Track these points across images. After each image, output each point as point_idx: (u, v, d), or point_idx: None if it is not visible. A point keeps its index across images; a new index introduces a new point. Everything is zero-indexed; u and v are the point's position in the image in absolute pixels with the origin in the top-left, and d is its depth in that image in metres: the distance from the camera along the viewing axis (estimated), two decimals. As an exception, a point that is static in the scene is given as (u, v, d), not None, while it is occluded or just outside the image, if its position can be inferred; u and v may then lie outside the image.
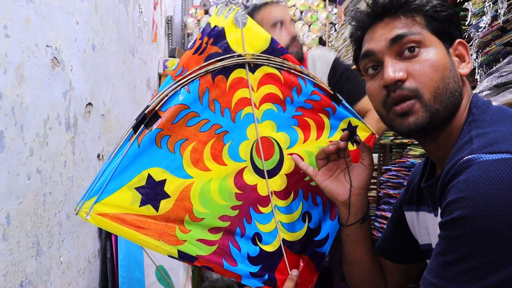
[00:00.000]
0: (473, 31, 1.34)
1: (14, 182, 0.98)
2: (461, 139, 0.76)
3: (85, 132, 1.47)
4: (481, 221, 0.64)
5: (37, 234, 1.10)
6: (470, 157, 0.69)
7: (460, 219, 0.66)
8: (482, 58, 1.31)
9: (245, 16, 0.94)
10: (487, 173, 0.66)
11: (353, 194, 0.97)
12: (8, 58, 0.94)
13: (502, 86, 1.16)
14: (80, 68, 1.40)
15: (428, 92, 0.77)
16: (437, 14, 0.80)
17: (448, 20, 0.80)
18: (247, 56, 0.93)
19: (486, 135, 0.72)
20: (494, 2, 1.26)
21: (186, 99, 0.86)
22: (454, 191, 0.69)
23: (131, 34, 2.31)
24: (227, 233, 0.91)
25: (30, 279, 1.06)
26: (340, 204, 0.98)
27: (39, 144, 1.10)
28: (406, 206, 0.98)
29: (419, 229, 0.95)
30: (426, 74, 0.77)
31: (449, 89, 0.77)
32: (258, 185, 0.96)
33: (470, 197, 0.66)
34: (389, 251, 1.04)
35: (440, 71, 0.77)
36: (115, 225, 0.80)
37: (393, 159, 2.07)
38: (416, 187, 0.94)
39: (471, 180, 0.67)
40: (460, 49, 0.82)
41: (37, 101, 1.09)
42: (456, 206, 0.67)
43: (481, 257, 0.64)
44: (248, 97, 0.95)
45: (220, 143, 0.91)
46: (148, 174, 0.83)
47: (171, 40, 4.44)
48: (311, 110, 1.04)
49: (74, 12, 1.33)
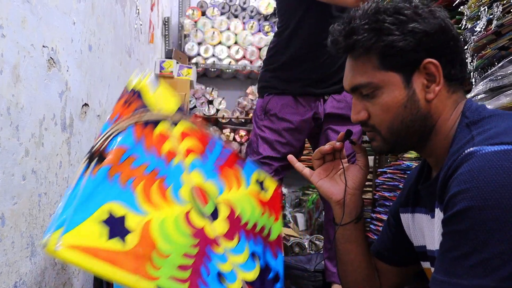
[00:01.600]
0: (468, 35, 1.35)
1: (9, 182, 0.98)
2: (459, 140, 0.76)
3: (81, 132, 1.47)
4: (488, 211, 0.63)
5: (32, 235, 1.10)
6: (472, 149, 0.68)
7: (465, 211, 0.65)
8: (477, 62, 1.31)
9: (156, 81, 1.04)
10: (490, 163, 0.65)
11: (348, 194, 0.98)
12: (4, 58, 0.94)
13: (497, 90, 1.17)
14: (77, 69, 1.40)
15: (384, 129, 0.83)
16: (392, 48, 0.79)
17: (405, 50, 0.78)
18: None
19: (488, 131, 0.72)
20: (489, 7, 1.26)
21: (125, 142, 0.89)
22: (457, 183, 0.68)
23: (127, 35, 2.31)
24: (195, 271, 0.90)
25: (24, 280, 1.06)
26: (334, 203, 1.00)
27: (34, 144, 1.10)
28: (402, 208, 0.99)
29: (414, 231, 0.95)
30: (379, 115, 0.83)
31: (405, 124, 0.81)
32: (205, 227, 0.97)
33: (475, 187, 0.65)
34: (385, 253, 1.04)
35: (391, 111, 0.81)
36: (88, 259, 0.74)
37: (389, 161, 2.08)
38: (413, 189, 0.95)
39: (475, 171, 0.66)
40: (429, 68, 0.79)
41: (33, 101, 1.08)
42: (460, 197, 0.66)
43: (491, 248, 0.62)
44: (175, 148, 0.99)
45: (162, 186, 0.93)
46: (109, 208, 0.82)
47: (168, 41, 4.44)
48: (226, 162, 1.10)
49: (71, 13, 1.33)
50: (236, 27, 4.91)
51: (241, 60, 4.89)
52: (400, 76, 0.80)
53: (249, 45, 4.93)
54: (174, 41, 4.83)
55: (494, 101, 1.14)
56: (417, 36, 0.78)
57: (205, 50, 4.79)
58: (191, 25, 4.82)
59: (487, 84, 1.19)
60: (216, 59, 4.82)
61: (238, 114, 4.88)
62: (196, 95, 4.82)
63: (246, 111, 4.97)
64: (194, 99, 4.80)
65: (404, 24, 0.78)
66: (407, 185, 1.00)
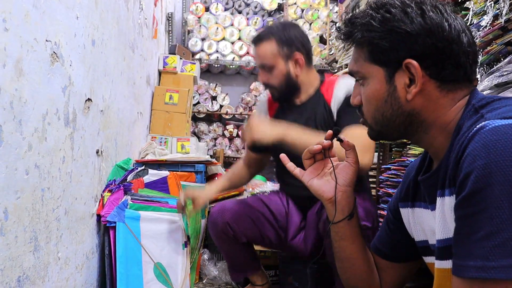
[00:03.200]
0: (474, 30, 1.34)
1: (12, 177, 0.98)
2: (467, 124, 0.73)
3: (84, 127, 1.47)
4: (507, 185, 0.60)
5: (35, 229, 1.10)
6: (483, 123, 0.66)
7: (483, 188, 0.62)
8: (483, 58, 1.30)
9: None
10: (504, 136, 0.62)
11: (339, 191, 0.98)
12: (7, 52, 0.94)
13: (502, 86, 1.16)
14: (80, 64, 1.40)
15: (369, 118, 0.88)
16: (375, 45, 0.82)
17: (389, 47, 0.80)
18: None
19: (498, 109, 0.70)
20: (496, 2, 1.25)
21: None
22: (470, 160, 0.65)
23: (131, 30, 2.30)
24: None
25: (28, 274, 1.06)
26: (326, 201, 0.99)
27: (37, 139, 1.10)
28: (402, 203, 0.98)
29: (415, 225, 0.94)
30: (365, 104, 0.88)
31: (386, 117, 0.84)
32: None
33: (492, 162, 0.62)
34: (384, 249, 1.04)
35: (372, 104, 0.85)
36: None
37: (393, 158, 2.07)
38: (412, 183, 0.94)
39: (489, 145, 0.63)
40: (410, 69, 0.80)
41: (36, 95, 1.08)
42: (477, 174, 0.63)
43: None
44: None
45: None
46: None
47: (172, 37, 4.43)
48: None
49: (74, 7, 1.33)
50: (240, 22, 4.90)
51: (245, 56, 4.88)
52: (384, 71, 0.82)
53: (252, 41, 4.91)
54: (178, 37, 4.82)
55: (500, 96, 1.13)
56: (397, 36, 0.79)
57: (209, 45, 4.78)
58: (195, 20, 4.81)
59: (493, 80, 1.18)
60: (219, 55, 4.82)
61: (242, 110, 4.87)
62: (200, 91, 4.82)
63: (250, 107, 4.96)
64: (197, 94, 4.80)
65: (387, 23, 0.80)
66: (406, 179, 0.98)
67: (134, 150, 2.52)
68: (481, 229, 0.62)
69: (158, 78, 3.57)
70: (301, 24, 4.99)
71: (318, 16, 5.01)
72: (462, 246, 0.66)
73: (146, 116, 3.06)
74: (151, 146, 2.74)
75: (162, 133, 3.19)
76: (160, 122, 3.25)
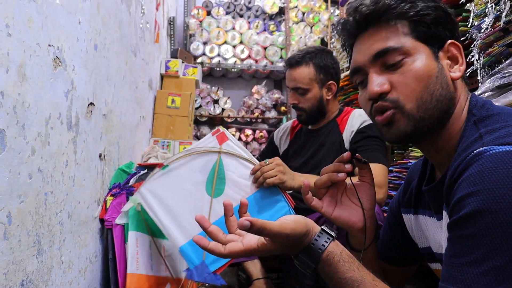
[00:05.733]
0: (475, 32, 1.34)
1: (15, 181, 0.99)
2: (466, 139, 0.73)
3: (87, 132, 1.47)
4: (500, 214, 0.59)
5: (38, 233, 1.10)
6: (482, 149, 0.65)
7: (476, 214, 0.61)
8: (484, 59, 1.30)
9: None
10: (502, 163, 0.61)
11: (367, 217, 0.91)
12: (10, 57, 0.94)
13: (504, 87, 1.16)
14: (82, 68, 1.41)
15: (410, 102, 0.76)
16: (422, 19, 0.78)
17: (435, 22, 0.78)
18: None
19: (497, 130, 0.69)
20: (496, 3, 1.25)
21: None
22: (465, 185, 0.64)
23: (133, 35, 2.31)
24: None
25: (31, 278, 1.07)
26: (356, 231, 0.92)
27: (40, 143, 1.10)
28: (404, 208, 0.97)
29: (418, 232, 0.93)
30: (408, 85, 0.76)
31: (435, 97, 0.76)
32: None
33: (486, 189, 0.60)
34: (387, 253, 1.03)
35: (423, 81, 0.76)
36: None
37: (395, 160, 2.07)
38: (415, 190, 0.92)
39: (485, 172, 0.62)
40: (452, 50, 0.79)
41: (39, 100, 1.09)
42: (470, 200, 0.62)
43: (504, 255, 0.58)
44: None
45: None
46: None
47: (173, 41, 4.44)
48: None
49: (76, 12, 1.33)
50: (241, 26, 4.91)
51: (246, 60, 4.89)
52: (429, 48, 0.78)
53: (254, 44, 4.93)
54: (180, 41, 4.84)
55: (501, 98, 1.13)
56: (445, 14, 0.79)
57: (211, 49, 4.79)
58: (197, 24, 4.83)
59: (495, 81, 1.18)
60: (221, 59, 4.82)
61: (244, 113, 4.88)
62: (202, 95, 4.83)
63: (252, 110, 4.97)
64: (199, 98, 4.81)
65: (436, 1, 0.79)
66: (408, 185, 0.97)
67: (136, 154, 2.53)
68: (467, 255, 0.61)
69: (160, 82, 3.58)
70: (302, 27, 5.01)
71: (319, 19, 5.02)
72: (447, 268, 0.65)
73: (148, 120, 3.06)
74: (153, 149, 2.75)
75: (164, 137, 3.20)
76: (163, 126, 3.26)
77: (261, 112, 4.97)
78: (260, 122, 4.97)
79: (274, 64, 4.91)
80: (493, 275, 0.58)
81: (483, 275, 0.58)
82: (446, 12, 0.80)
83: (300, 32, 4.98)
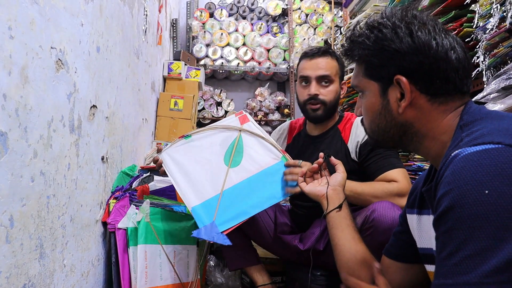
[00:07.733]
0: (480, 33, 1.33)
1: (18, 184, 0.98)
2: (453, 143, 0.80)
3: (89, 134, 1.47)
4: (466, 208, 0.65)
5: (40, 237, 1.10)
6: (457, 151, 0.71)
7: (448, 211, 0.68)
8: (489, 60, 1.29)
9: None
10: (470, 163, 0.68)
11: (330, 189, 1.24)
12: (13, 59, 0.94)
13: (510, 89, 1.15)
14: (85, 70, 1.40)
15: (367, 128, 0.97)
16: (369, 62, 0.90)
17: (379, 64, 0.88)
18: None
19: (474, 132, 0.75)
20: (502, 4, 1.24)
21: None
22: (442, 186, 0.71)
23: (136, 37, 2.31)
24: None
25: (33, 281, 1.06)
26: (320, 197, 1.25)
27: (43, 146, 1.10)
28: (409, 208, 1.02)
29: (420, 232, 0.97)
30: (364, 115, 0.96)
31: (380, 128, 0.92)
32: None
33: (457, 187, 0.67)
34: (390, 248, 1.09)
35: (369, 115, 0.94)
36: None
37: (399, 162, 2.05)
38: (420, 192, 0.98)
39: (456, 172, 0.69)
40: (399, 84, 0.86)
41: (41, 103, 1.08)
42: (444, 199, 0.69)
43: (472, 245, 0.63)
44: None
45: None
46: None
47: (176, 43, 4.44)
48: None
49: (79, 14, 1.33)
50: (244, 28, 4.91)
51: (250, 62, 4.89)
52: (378, 85, 0.90)
53: (257, 46, 4.93)
54: (182, 43, 4.84)
55: (507, 99, 1.11)
56: (388, 54, 0.86)
57: (213, 51, 4.79)
58: (199, 26, 4.83)
59: (500, 83, 1.17)
60: (224, 61, 4.82)
61: (247, 116, 4.87)
62: (205, 97, 4.82)
63: (255, 112, 4.96)
64: (202, 100, 4.81)
65: (379, 42, 0.87)
66: (415, 187, 1.03)
67: (139, 157, 2.52)
68: (445, 250, 0.68)
69: (163, 84, 3.58)
70: (305, 29, 5.00)
71: (322, 21, 5.01)
72: (435, 265, 0.71)
73: (151, 122, 3.06)
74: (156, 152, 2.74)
75: (167, 139, 3.20)
76: (165, 128, 3.26)
77: (264, 114, 4.96)
78: (264, 124, 4.96)
79: (277, 66, 4.90)
80: (464, 265, 0.64)
81: (456, 266, 0.65)
82: (394, 51, 0.85)
83: (304, 34, 4.98)
